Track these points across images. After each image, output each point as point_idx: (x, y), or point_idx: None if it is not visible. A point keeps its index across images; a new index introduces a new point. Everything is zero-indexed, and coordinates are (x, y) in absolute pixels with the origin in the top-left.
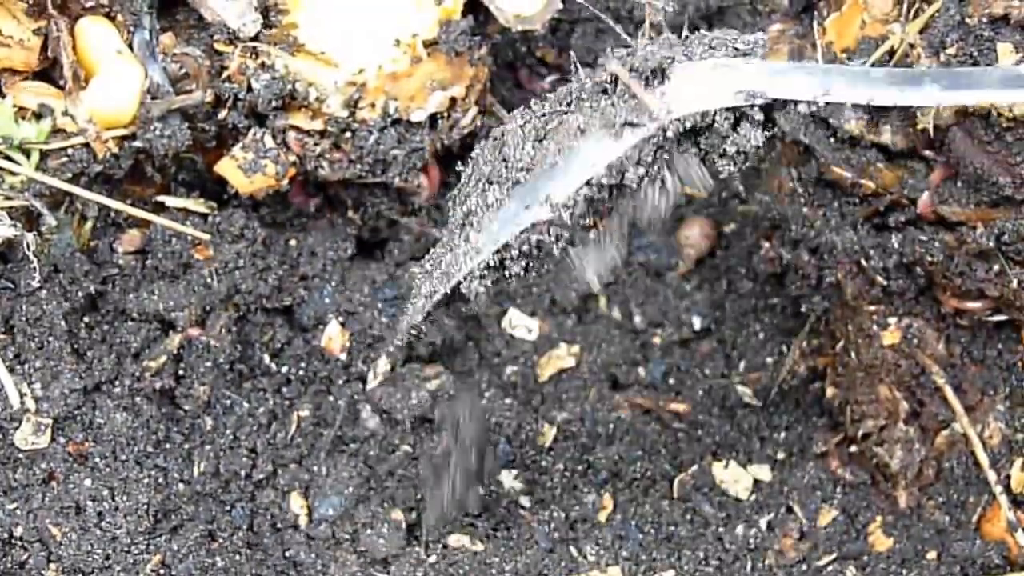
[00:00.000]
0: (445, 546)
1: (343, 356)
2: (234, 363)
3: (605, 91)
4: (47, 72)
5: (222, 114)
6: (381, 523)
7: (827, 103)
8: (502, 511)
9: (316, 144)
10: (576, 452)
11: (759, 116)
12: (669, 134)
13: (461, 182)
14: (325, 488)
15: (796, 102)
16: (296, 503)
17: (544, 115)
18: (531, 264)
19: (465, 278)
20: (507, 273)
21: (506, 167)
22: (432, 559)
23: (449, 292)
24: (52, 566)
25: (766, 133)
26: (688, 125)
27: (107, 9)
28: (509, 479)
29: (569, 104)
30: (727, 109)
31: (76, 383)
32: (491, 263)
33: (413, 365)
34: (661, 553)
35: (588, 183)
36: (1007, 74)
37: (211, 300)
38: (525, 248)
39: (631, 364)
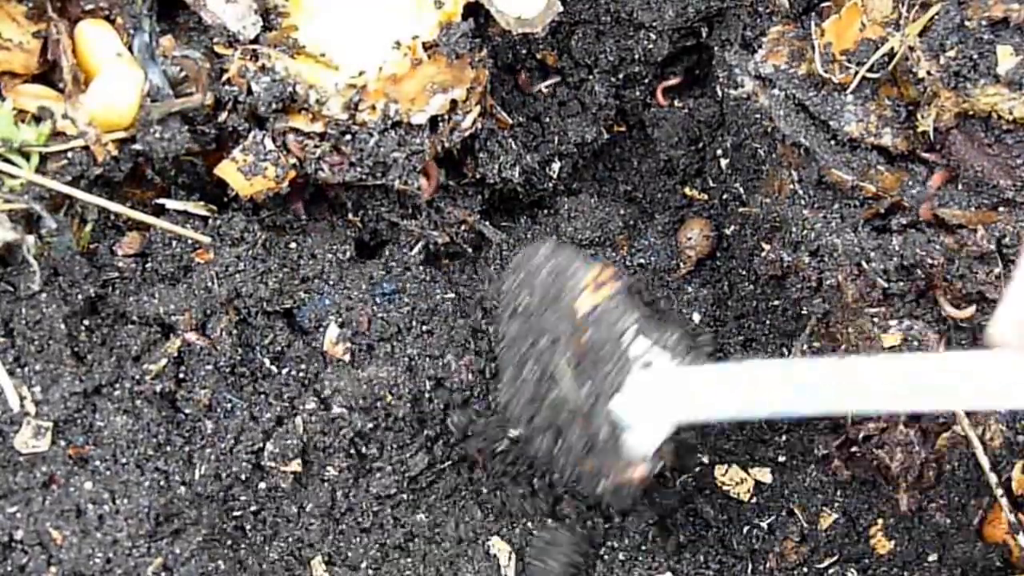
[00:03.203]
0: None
1: (345, 358)
2: (235, 366)
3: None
4: (47, 75)
5: (222, 117)
6: None
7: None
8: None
9: (316, 147)
10: None
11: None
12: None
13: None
14: None
15: None
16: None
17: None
18: None
19: None
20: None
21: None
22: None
23: None
24: (52, 569)
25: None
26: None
27: (107, 12)
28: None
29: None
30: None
31: (76, 386)
32: None
33: None
34: (661, 555)
35: None
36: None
37: (212, 303)
38: None
39: None
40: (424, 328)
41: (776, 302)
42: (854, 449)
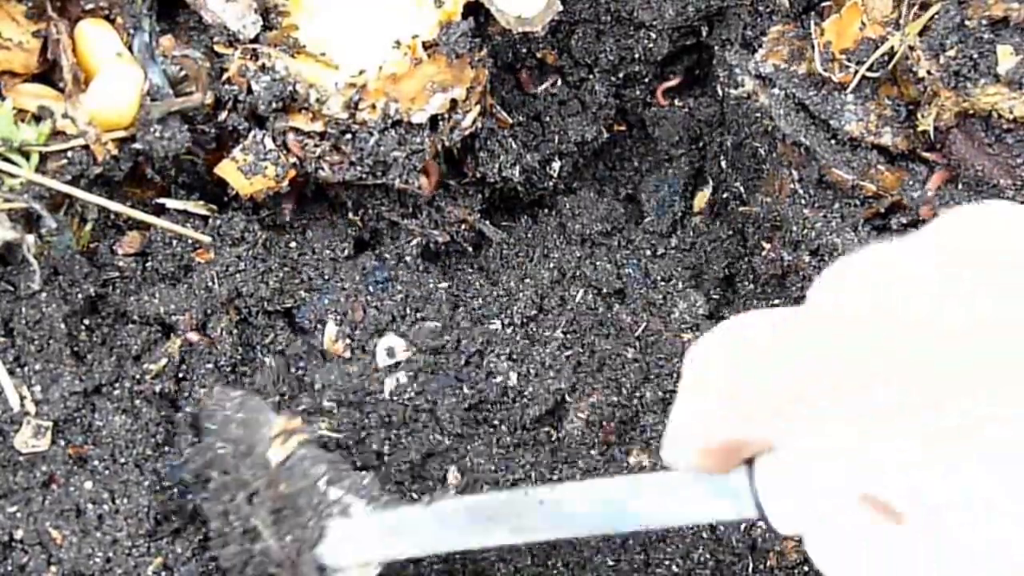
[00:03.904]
0: None
1: (345, 355)
2: (235, 365)
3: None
4: (47, 75)
5: (222, 116)
6: None
7: None
8: None
9: (316, 146)
10: None
11: None
12: None
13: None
14: None
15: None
16: None
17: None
18: None
19: None
20: None
21: None
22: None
23: None
24: (52, 569)
25: None
26: None
27: (107, 11)
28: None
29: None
30: None
31: (76, 386)
32: None
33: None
34: (661, 553)
35: None
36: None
37: (212, 303)
38: None
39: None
40: (419, 315)
41: (777, 301)
42: None
